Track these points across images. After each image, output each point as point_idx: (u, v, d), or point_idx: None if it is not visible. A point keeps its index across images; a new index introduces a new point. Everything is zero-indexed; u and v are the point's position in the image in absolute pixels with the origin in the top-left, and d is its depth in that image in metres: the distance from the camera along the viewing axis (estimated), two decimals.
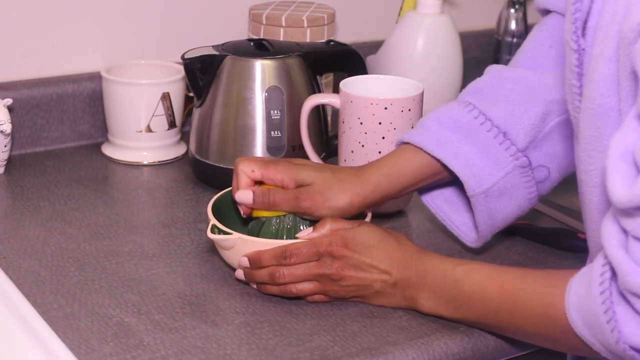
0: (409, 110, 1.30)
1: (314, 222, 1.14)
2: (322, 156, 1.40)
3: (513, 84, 1.16)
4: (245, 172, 1.15)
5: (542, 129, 1.14)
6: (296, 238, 1.11)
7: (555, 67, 1.15)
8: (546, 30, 1.17)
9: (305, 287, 1.10)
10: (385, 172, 1.16)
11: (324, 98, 1.37)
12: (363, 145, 1.31)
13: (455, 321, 1.07)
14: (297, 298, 1.13)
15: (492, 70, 1.20)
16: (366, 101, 1.30)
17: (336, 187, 1.14)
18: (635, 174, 0.82)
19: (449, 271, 1.05)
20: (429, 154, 1.16)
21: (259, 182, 1.16)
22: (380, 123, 1.29)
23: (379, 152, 1.31)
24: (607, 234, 0.87)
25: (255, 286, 1.14)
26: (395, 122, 1.29)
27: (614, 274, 0.88)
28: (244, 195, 1.15)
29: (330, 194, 1.13)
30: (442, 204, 1.23)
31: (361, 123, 1.30)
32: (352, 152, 1.32)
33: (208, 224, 1.15)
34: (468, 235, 1.21)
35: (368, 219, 1.16)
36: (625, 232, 0.85)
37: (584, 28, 0.92)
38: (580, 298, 0.92)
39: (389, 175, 1.16)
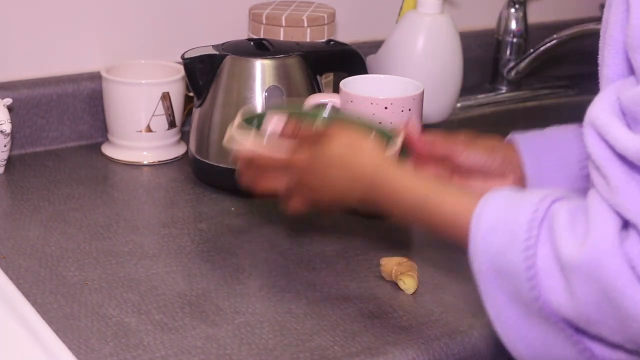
0: (409, 110, 1.30)
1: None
2: None
3: None
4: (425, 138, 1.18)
5: None
6: None
7: None
8: None
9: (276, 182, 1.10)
10: None
11: (324, 98, 1.37)
12: None
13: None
14: (296, 298, 1.13)
15: None
16: (366, 101, 1.30)
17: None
18: (625, 120, 0.83)
19: (431, 199, 1.00)
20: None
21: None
22: (380, 123, 1.29)
23: None
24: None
25: None
26: (395, 121, 1.29)
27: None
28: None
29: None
30: None
31: None
32: None
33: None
34: None
35: (396, 143, 1.14)
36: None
37: None
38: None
39: None
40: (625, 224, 0.84)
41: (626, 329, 0.85)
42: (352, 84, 1.35)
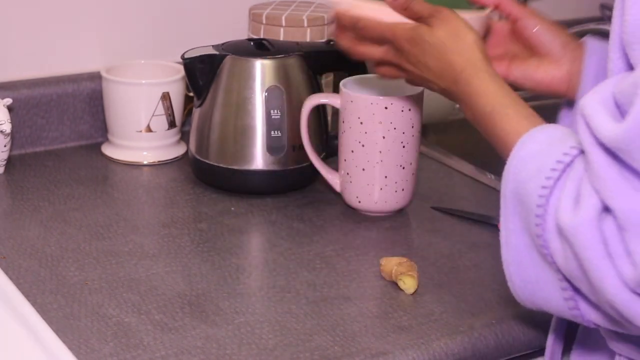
0: (409, 110, 1.30)
1: None
2: (322, 156, 1.40)
3: None
4: None
5: None
6: None
7: None
8: None
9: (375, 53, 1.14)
10: None
11: (324, 98, 1.37)
12: (363, 145, 1.31)
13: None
14: (296, 298, 1.13)
15: None
16: (366, 101, 1.30)
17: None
18: (619, 113, 0.85)
19: (495, 108, 1.04)
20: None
21: None
22: (380, 122, 1.29)
23: (380, 152, 1.31)
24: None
25: None
26: (395, 121, 1.30)
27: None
28: None
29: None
30: None
31: (361, 123, 1.30)
32: (352, 151, 1.32)
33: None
34: None
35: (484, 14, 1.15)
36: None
37: None
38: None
39: None
40: (607, 207, 0.87)
41: (596, 294, 0.89)
42: (352, 84, 1.35)
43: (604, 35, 1.73)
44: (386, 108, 1.29)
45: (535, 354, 1.13)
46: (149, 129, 1.49)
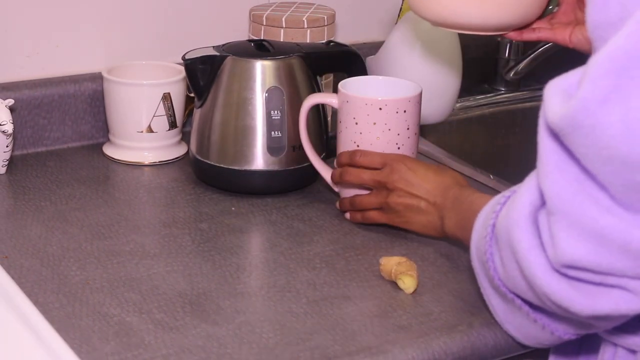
0: (404, 111, 1.30)
1: None
2: (322, 156, 1.41)
3: None
4: None
5: None
6: None
7: None
8: None
9: (365, 199, 1.28)
10: None
11: (322, 98, 1.37)
12: (358, 145, 1.31)
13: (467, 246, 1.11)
14: (297, 297, 1.14)
15: None
16: (361, 101, 1.30)
17: None
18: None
19: (474, 201, 1.13)
20: None
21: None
22: (374, 123, 1.30)
23: None
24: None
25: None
26: (389, 122, 1.30)
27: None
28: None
29: None
30: None
31: (356, 123, 1.31)
32: None
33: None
34: None
35: None
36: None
37: None
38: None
39: None
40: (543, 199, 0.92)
41: (534, 290, 0.94)
42: (351, 85, 1.36)
43: None
44: (380, 109, 1.29)
45: (534, 353, 1.14)
46: (150, 130, 1.50)
